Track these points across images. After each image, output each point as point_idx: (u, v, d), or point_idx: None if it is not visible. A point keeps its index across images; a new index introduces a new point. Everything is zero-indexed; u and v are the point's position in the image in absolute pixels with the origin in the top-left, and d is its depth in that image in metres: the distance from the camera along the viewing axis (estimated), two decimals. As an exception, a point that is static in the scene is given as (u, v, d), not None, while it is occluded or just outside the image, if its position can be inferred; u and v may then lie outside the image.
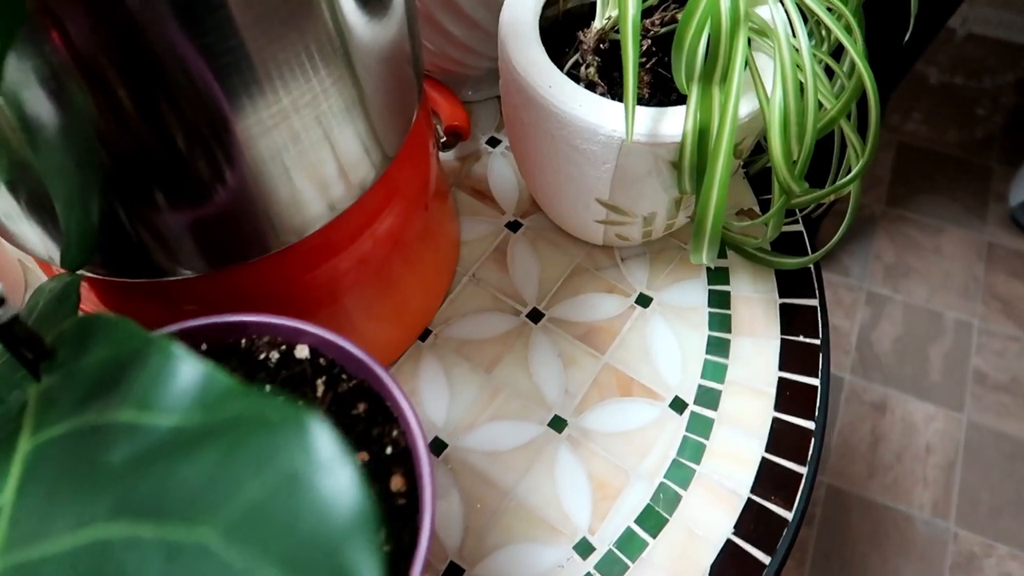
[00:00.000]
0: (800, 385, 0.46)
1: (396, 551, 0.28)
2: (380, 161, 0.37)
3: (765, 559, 0.41)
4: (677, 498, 0.43)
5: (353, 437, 0.31)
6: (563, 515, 0.42)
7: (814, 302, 0.49)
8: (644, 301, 0.49)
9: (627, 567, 0.41)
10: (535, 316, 0.48)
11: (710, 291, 0.49)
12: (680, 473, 0.43)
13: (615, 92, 0.43)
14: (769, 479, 0.43)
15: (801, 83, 0.36)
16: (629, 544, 0.41)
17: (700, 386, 0.46)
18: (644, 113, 0.38)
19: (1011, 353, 1.25)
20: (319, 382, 0.32)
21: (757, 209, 0.53)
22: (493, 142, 0.57)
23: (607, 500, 0.42)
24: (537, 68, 0.40)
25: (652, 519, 0.42)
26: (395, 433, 0.31)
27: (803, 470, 0.43)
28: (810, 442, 0.44)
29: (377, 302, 0.44)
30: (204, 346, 0.32)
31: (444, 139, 0.48)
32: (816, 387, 0.46)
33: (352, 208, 0.38)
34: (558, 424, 0.45)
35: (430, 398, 0.45)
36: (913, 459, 1.17)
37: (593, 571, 0.41)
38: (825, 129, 0.39)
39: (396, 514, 0.29)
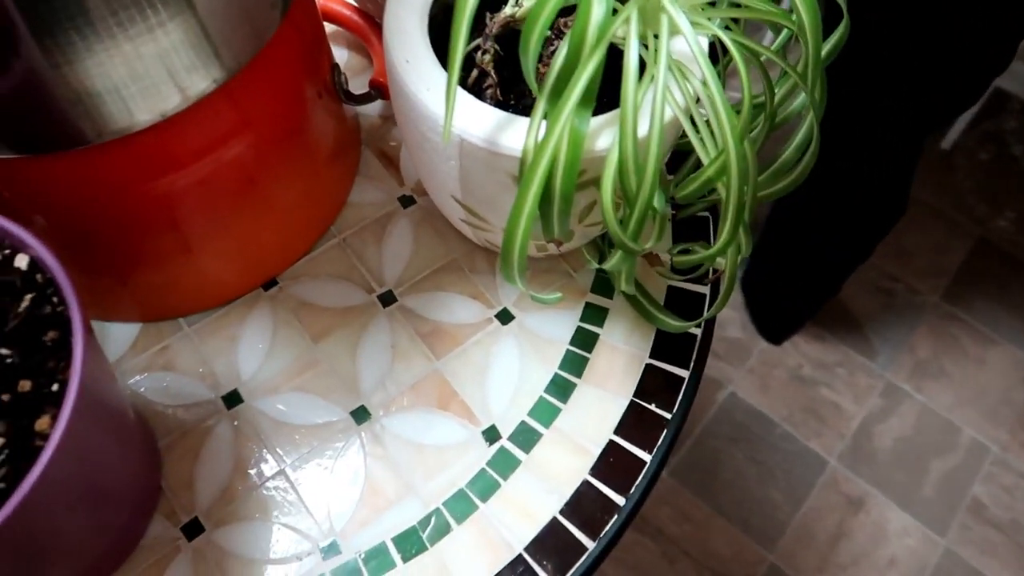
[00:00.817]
0: (628, 455, 0.42)
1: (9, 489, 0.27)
2: (217, 71, 0.35)
3: (510, 623, 0.38)
4: (447, 530, 0.40)
5: (28, 362, 0.29)
6: (324, 509, 0.40)
7: (683, 374, 0.44)
8: (505, 318, 0.45)
9: (365, 582, 0.38)
10: (387, 299, 0.46)
11: (578, 327, 0.45)
12: (461, 506, 0.40)
13: (510, 91, 0.39)
14: (550, 544, 0.40)
15: (673, 123, 0.31)
16: (378, 559, 0.39)
17: (522, 423, 0.42)
18: (491, 116, 0.35)
19: (1021, 493, 1.14)
20: (27, 296, 0.30)
21: (665, 258, 0.48)
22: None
23: (373, 510, 0.40)
24: (403, 36, 0.36)
25: (411, 543, 0.39)
26: (68, 372, 0.29)
27: (591, 544, 0.40)
28: (611, 517, 0.40)
29: (219, 237, 0.42)
30: (-68, 227, 0.31)
31: (347, 87, 0.45)
32: (645, 462, 0.42)
33: (186, 120, 0.36)
34: (360, 415, 0.42)
35: (246, 349, 0.44)
36: (871, 567, 1.09)
37: (327, 574, 0.38)
38: (688, 189, 0.34)
39: (27, 455, 0.27)
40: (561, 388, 0.44)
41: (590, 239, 0.45)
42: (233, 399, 0.42)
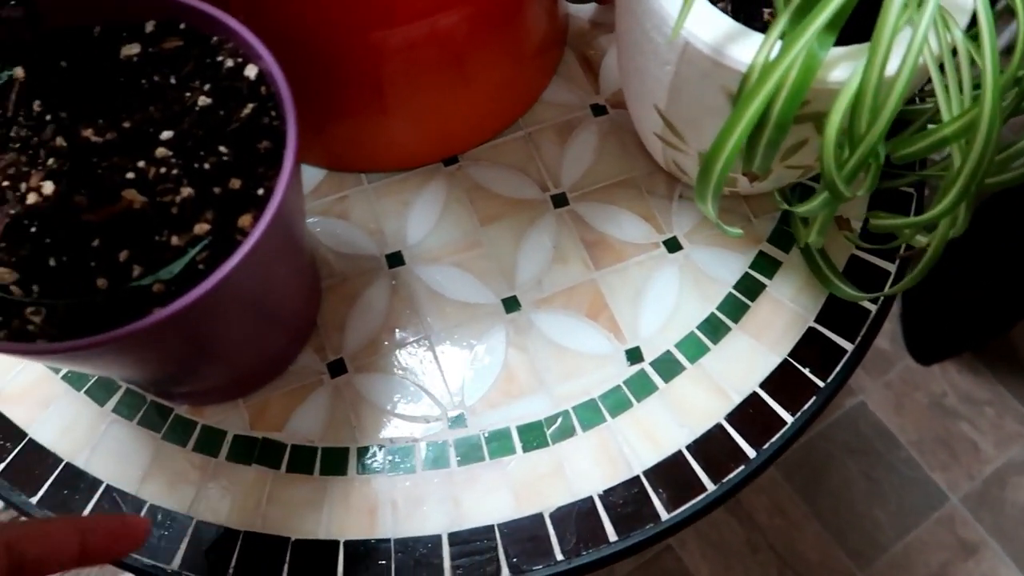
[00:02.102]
0: (769, 411, 0.40)
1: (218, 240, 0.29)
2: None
3: (613, 535, 0.38)
4: (570, 433, 0.40)
5: (241, 163, 0.31)
6: (459, 382, 0.41)
7: (847, 346, 0.42)
8: (672, 246, 0.44)
9: (483, 460, 0.39)
10: (559, 200, 0.45)
11: (746, 273, 0.43)
12: (589, 414, 0.40)
13: (743, 7, 0.37)
14: (670, 474, 0.39)
15: (919, 63, 0.29)
16: (499, 442, 0.40)
17: (667, 352, 0.42)
18: (723, 24, 0.33)
19: None
20: (249, 105, 0.32)
21: (855, 226, 0.45)
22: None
23: (504, 395, 0.41)
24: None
25: (534, 435, 0.40)
26: (275, 181, 0.30)
27: (711, 486, 0.39)
28: (739, 466, 0.39)
29: (415, 104, 0.43)
30: (183, 25, 0.33)
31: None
32: (785, 423, 0.40)
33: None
34: (511, 304, 0.43)
35: (416, 216, 0.45)
36: (968, 618, 1.02)
37: (451, 442, 0.40)
38: (913, 147, 0.32)
39: (227, 246, 0.29)
40: (714, 328, 0.42)
41: (781, 184, 0.43)
42: (395, 259, 0.44)
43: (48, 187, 0.30)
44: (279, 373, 0.41)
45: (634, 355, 0.42)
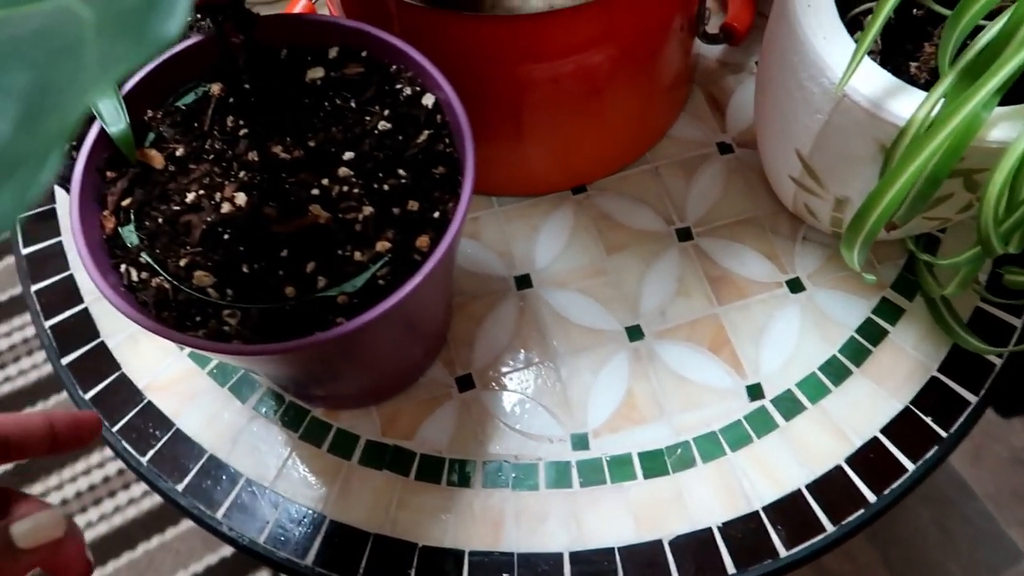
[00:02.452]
0: (890, 457, 0.41)
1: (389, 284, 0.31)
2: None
3: (731, 568, 0.39)
4: (690, 463, 0.41)
5: (418, 187, 0.33)
6: (582, 405, 0.42)
7: (972, 398, 0.42)
8: (795, 287, 0.45)
9: (604, 483, 0.40)
10: (683, 235, 0.46)
11: (868, 318, 0.44)
12: (709, 446, 0.41)
13: (890, 59, 0.38)
14: (789, 512, 0.40)
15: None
16: (621, 467, 0.41)
17: (788, 391, 0.42)
18: (882, 78, 0.34)
19: None
20: (425, 132, 0.34)
21: (981, 279, 0.45)
22: (768, 70, 0.53)
23: (626, 421, 0.42)
24: (811, -18, 0.36)
25: (655, 463, 0.41)
26: (450, 205, 0.32)
27: (831, 527, 0.39)
28: (858, 510, 0.39)
29: (550, 133, 0.45)
30: (364, 53, 0.36)
31: (706, 27, 0.45)
32: (907, 470, 0.40)
33: (567, 17, 0.38)
34: (634, 333, 0.44)
35: (545, 241, 0.46)
36: None
37: (574, 463, 0.41)
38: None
39: (413, 268, 0.31)
40: (836, 371, 0.43)
41: (912, 233, 0.43)
42: (524, 282, 0.45)
43: (240, 198, 0.32)
44: (411, 383, 0.43)
45: (755, 391, 0.42)
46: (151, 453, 0.42)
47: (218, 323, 0.30)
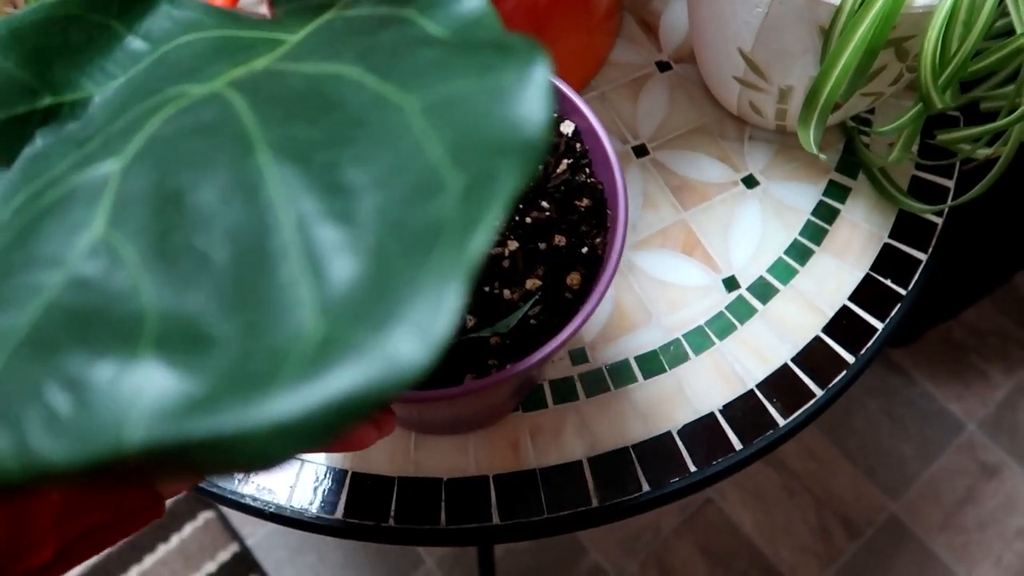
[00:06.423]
0: (860, 321, 0.44)
1: (539, 326, 0.30)
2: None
3: (738, 444, 0.41)
4: (684, 358, 0.43)
5: (563, 220, 0.32)
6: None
7: (921, 257, 0.46)
8: (750, 183, 0.48)
9: (608, 390, 0.42)
10: (640, 151, 0.49)
11: (820, 201, 0.47)
12: (698, 339, 0.44)
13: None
14: (781, 385, 0.42)
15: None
16: (620, 374, 0.43)
17: (760, 277, 0.45)
18: (815, -39, 0.36)
19: None
20: (565, 162, 0.33)
21: (914, 150, 0.49)
22: (688, -10, 0.55)
23: (620, 329, 0.44)
24: None
25: (651, 364, 0.43)
26: (598, 240, 0.32)
27: (819, 391, 0.42)
28: (840, 372, 0.43)
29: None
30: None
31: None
32: (876, 329, 0.44)
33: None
34: (611, 249, 0.46)
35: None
36: (998, 535, 1.08)
37: (576, 376, 0.43)
38: (999, 56, 0.35)
39: (564, 306, 0.30)
40: (800, 252, 0.46)
41: (849, 115, 0.47)
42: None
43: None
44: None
45: (731, 283, 0.45)
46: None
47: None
